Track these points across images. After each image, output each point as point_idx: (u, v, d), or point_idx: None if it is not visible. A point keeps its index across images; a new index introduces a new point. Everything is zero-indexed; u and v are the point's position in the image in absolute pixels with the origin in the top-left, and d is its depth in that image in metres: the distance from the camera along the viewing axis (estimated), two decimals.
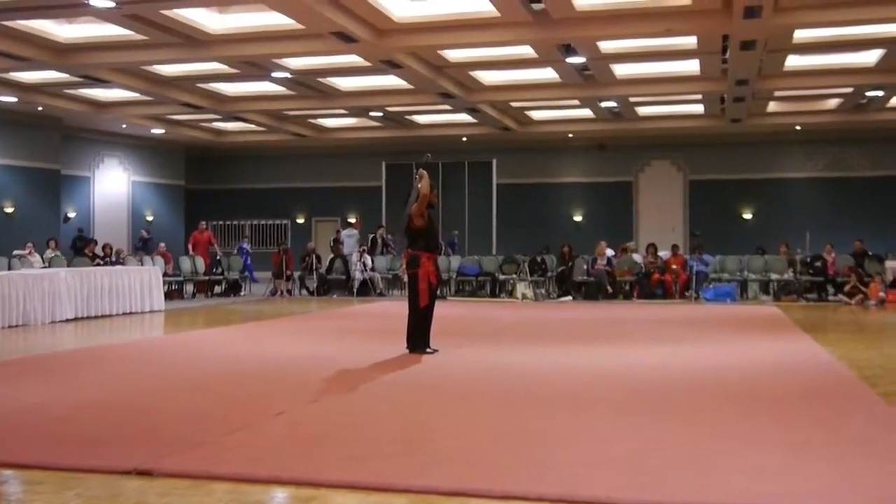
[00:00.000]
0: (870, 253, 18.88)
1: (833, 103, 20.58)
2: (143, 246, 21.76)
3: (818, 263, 18.67)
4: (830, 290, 18.45)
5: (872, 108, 20.61)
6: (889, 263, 18.10)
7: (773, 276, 19.05)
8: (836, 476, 4.24)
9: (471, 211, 25.29)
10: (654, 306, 16.89)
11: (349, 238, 22.11)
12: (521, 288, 18.99)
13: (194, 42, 14.68)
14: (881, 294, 16.87)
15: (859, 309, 16.42)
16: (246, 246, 23.42)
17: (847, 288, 17.67)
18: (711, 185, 24.34)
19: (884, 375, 7.58)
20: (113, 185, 24.69)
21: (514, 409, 6.09)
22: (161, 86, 18.22)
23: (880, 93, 18.76)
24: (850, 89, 18.58)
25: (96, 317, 13.82)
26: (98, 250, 18.86)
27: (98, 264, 16.98)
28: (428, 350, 8.83)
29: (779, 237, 20.87)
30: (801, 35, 14.56)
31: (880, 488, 4.04)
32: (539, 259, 19.74)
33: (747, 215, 24.33)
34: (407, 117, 22.63)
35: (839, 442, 4.99)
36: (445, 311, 15.70)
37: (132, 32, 14.21)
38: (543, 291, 19.23)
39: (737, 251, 20.33)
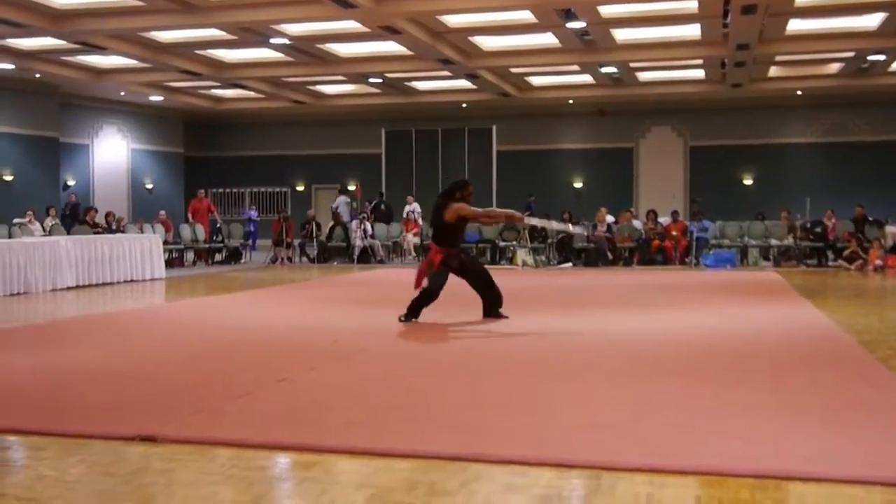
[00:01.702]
0: (870, 218, 18.90)
1: (834, 68, 20.52)
2: (70, 212, 20.53)
3: (818, 229, 18.71)
4: (830, 255, 18.50)
5: (874, 73, 20.53)
6: (889, 229, 18.13)
7: (774, 242, 19.11)
8: (833, 440, 4.26)
9: (471, 177, 24.65)
10: (654, 272, 16.90)
11: (343, 205, 22.14)
12: (522, 255, 19.02)
13: (192, 8, 14.62)
14: (879, 261, 16.90)
15: (859, 274, 16.46)
16: (254, 214, 23.43)
17: (846, 253, 17.71)
18: (712, 150, 24.31)
19: (882, 340, 7.61)
20: (112, 152, 24.64)
21: (513, 375, 6.12)
22: (159, 52, 18.14)
23: (882, 57, 18.70)
24: (851, 53, 18.54)
25: (97, 285, 13.85)
26: (99, 218, 18.85)
27: (98, 232, 16.96)
28: (402, 319, 8.86)
29: (779, 203, 20.91)
30: None
31: (876, 452, 4.06)
32: (539, 226, 19.68)
33: (748, 181, 24.32)
34: (406, 84, 22.54)
35: (837, 406, 5.01)
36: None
37: None
38: (543, 258, 19.25)
39: (737, 217, 20.41)
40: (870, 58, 18.82)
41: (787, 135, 24.08)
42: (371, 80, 21.67)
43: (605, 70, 20.14)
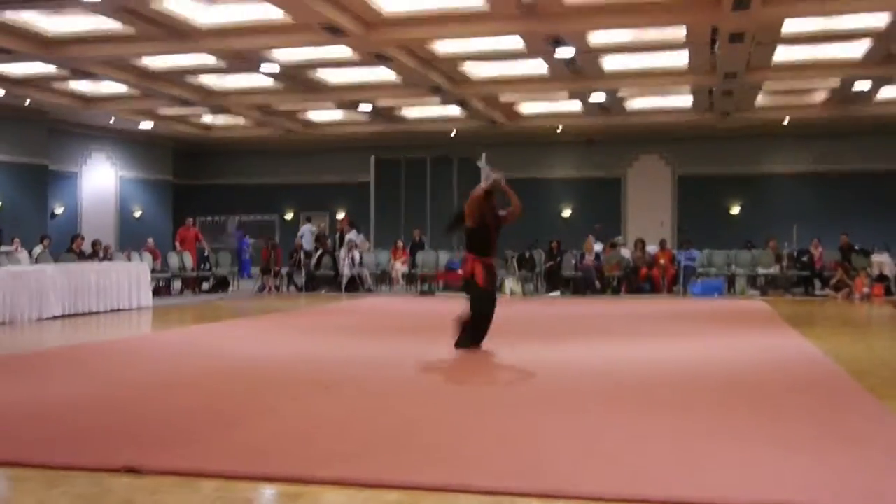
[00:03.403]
0: (856, 247, 19.01)
1: (821, 97, 20.67)
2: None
3: (805, 258, 18.85)
4: (817, 284, 18.59)
5: (860, 102, 20.68)
6: (875, 257, 18.26)
7: (761, 271, 19.21)
8: (824, 471, 4.25)
9: (460, 205, 25.19)
10: (642, 301, 16.95)
11: (308, 233, 22.04)
12: (510, 283, 18.99)
13: (183, 35, 14.64)
14: (866, 289, 17.00)
15: (846, 303, 16.54)
16: (248, 240, 23.36)
17: (833, 282, 17.81)
18: (700, 179, 24.42)
19: (871, 370, 7.62)
20: (101, 180, 24.60)
21: (503, 405, 6.10)
22: (149, 79, 18.15)
23: (868, 86, 18.80)
24: (837, 82, 18.65)
25: (84, 314, 13.74)
26: (85, 246, 18.75)
27: (85, 261, 16.87)
28: (463, 346, 8.61)
29: (766, 231, 21.05)
30: (789, 27, 14.60)
31: (867, 483, 4.05)
32: (527, 254, 19.80)
33: (735, 210, 24.42)
34: (396, 111, 22.59)
35: (827, 437, 5.01)
36: (433, 307, 15.80)
37: (120, 25, 14.17)
38: (532, 287, 19.28)
39: (725, 246, 20.50)
40: (856, 87, 18.92)
41: (774, 164, 24.23)
42: (361, 107, 21.69)
43: (593, 99, 20.21)
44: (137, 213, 25.57)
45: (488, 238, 8.67)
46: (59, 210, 22.91)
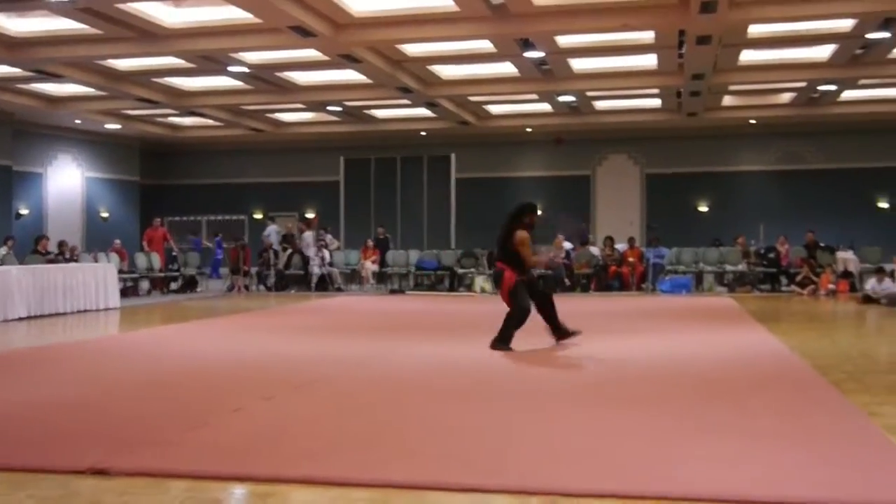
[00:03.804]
0: (822, 244, 19.29)
1: (786, 97, 20.95)
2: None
3: (772, 255, 19.10)
4: (784, 280, 18.83)
5: (825, 102, 20.99)
6: (840, 254, 18.59)
7: (728, 268, 19.45)
8: (790, 464, 4.31)
9: (429, 205, 25.35)
10: (612, 298, 17.09)
11: (273, 234, 22.00)
12: (480, 281, 19.15)
13: (150, 36, 14.54)
14: (831, 285, 17.25)
15: (811, 299, 16.77)
16: (220, 241, 23.23)
17: (799, 278, 18.06)
18: (668, 178, 24.60)
19: (835, 365, 7.73)
20: (66, 181, 24.32)
21: (473, 402, 6.11)
22: (116, 80, 18.02)
23: (832, 87, 19.14)
24: (803, 83, 18.92)
25: (50, 315, 13.63)
26: (51, 247, 18.57)
27: (50, 261, 16.70)
28: (504, 347, 8.75)
29: (734, 229, 21.33)
30: (755, 30, 14.83)
31: (830, 475, 4.12)
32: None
33: (703, 208, 24.65)
34: (365, 112, 22.58)
35: (793, 431, 5.08)
36: (404, 306, 15.83)
37: (86, 26, 14.06)
38: None
39: (693, 243, 20.73)
40: (821, 88, 19.22)
41: (741, 163, 24.49)
42: (330, 108, 21.69)
43: (562, 99, 20.34)
44: (104, 214, 25.33)
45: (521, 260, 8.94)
46: (24, 211, 22.64)
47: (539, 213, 9.52)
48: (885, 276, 15.23)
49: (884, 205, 23.41)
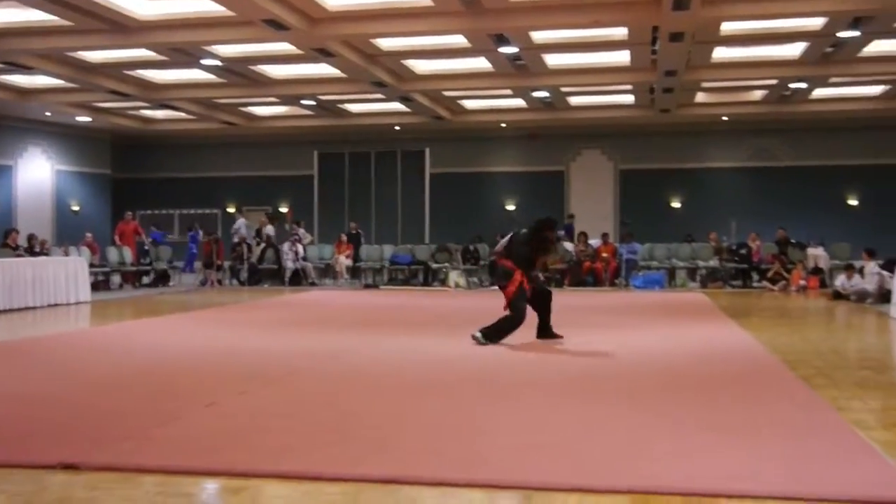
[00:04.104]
0: (792, 241, 19.49)
1: (758, 95, 21.08)
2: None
3: (743, 251, 19.30)
4: (755, 276, 19.04)
5: (796, 100, 21.16)
6: (811, 251, 18.79)
7: (701, 264, 19.64)
8: (758, 458, 4.37)
9: (404, 200, 25.36)
10: (585, 294, 17.17)
11: (243, 227, 21.94)
12: (454, 276, 19.21)
13: (122, 28, 14.41)
14: (802, 281, 17.45)
15: (782, 295, 16.96)
16: (198, 234, 23.07)
17: (770, 274, 18.26)
18: (641, 174, 24.70)
19: (805, 360, 7.85)
20: (36, 174, 24.07)
21: (446, 397, 6.14)
22: (87, 73, 17.84)
23: (803, 85, 19.28)
24: (774, 81, 19.03)
25: (19, 309, 13.55)
26: (21, 241, 18.39)
27: (20, 255, 16.56)
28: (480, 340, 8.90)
29: (706, 225, 21.51)
30: (727, 27, 14.88)
31: (798, 469, 4.19)
32: (471, 248, 20.02)
33: (675, 204, 24.80)
34: (339, 106, 22.52)
35: (763, 425, 5.15)
36: (378, 301, 15.85)
37: (57, 18, 13.90)
38: (476, 280, 19.46)
39: (665, 239, 20.86)
40: (792, 85, 19.36)
41: (713, 159, 24.65)
42: (304, 101, 21.62)
43: (536, 94, 20.38)
44: (75, 208, 25.11)
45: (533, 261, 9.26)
46: None
47: (514, 207, 9.82)
48: (855, 273, 15.42)
49: (853, 202, 23.66)
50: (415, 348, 8.82)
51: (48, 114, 22.32)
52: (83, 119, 23.08)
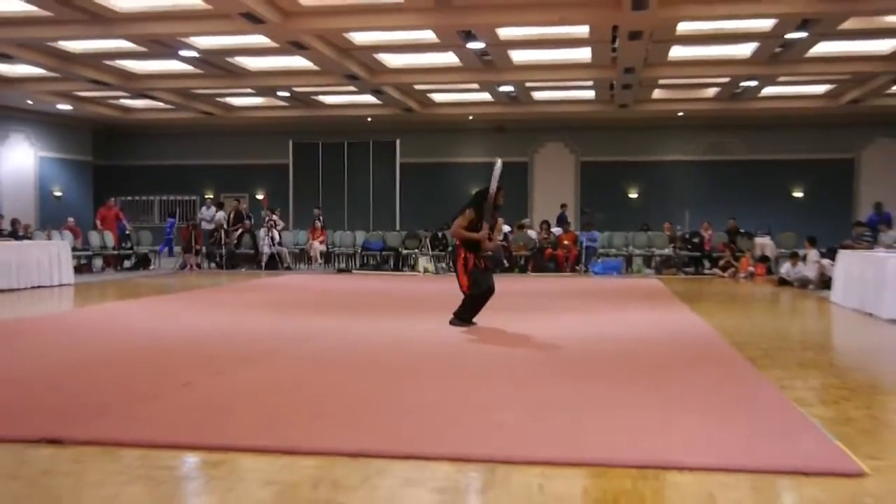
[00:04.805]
0: (742, 231, 19.96)
1: (711, 92, 21.36)
2: None
3: (696, 240, 19.75)
4: (706, 264, 19.51)
5: (747, 97, 21.52)
6: (758, 240, 19.19)
7: (656, 251, 20.11)
8: (708, 433, 4.59)
9: (375, 189, 25.55)
10: (548, 279, 17.42)
11: (211, 213, 22.24)
12: (423, 262, 19.52)
13: (101, 19, 14.50)
14: (750, 268, 18.10)
15: (731, 281, 17.43)
16: (174, 222, 23.41)
17: (721, 262, 18.86)
18: (601, 165, 25.15)
19: (751, 342, 8.13)
20: (19, 160, 24.32)
21: (414, 377, 6.26)
22: (67, 62, 17.89)
23: (754, 83, 19.65)
24: (726, 79, 19.35)
25: (3, 291, 13.65)
26: (5, 225, 18.77)
27: (4, 239, 16.78)
28: (456, 323, 8.99)
29: (661, 215, 21.97)
30: (683, 27, 15.14)
31: (744, 443, 4.40)
32: (440, 234, 20.23)
33: (633, 194, 25.25)
34: (313, 98, 22.68)
35: (712, 403, 5.35)
36: (350, 285, 15.94)
37: (37, 8, 14.00)
38: (444, 265, 19.67)
39: (623, 228, 21.27)
40: (743, 83, 19.71)
41: (668, 152, 25.12)
42: (279, 93, 21.69)
43: (502, 89, 20.50)
44: (58, 193, 25.35)
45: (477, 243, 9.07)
46: None
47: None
48: (799, 261, 15.80)
49: (798, 194, 24.30)
50: (386, 331, 8.82)
51: (30, 102, 22.33)
52: (64, 107, 23.11)
